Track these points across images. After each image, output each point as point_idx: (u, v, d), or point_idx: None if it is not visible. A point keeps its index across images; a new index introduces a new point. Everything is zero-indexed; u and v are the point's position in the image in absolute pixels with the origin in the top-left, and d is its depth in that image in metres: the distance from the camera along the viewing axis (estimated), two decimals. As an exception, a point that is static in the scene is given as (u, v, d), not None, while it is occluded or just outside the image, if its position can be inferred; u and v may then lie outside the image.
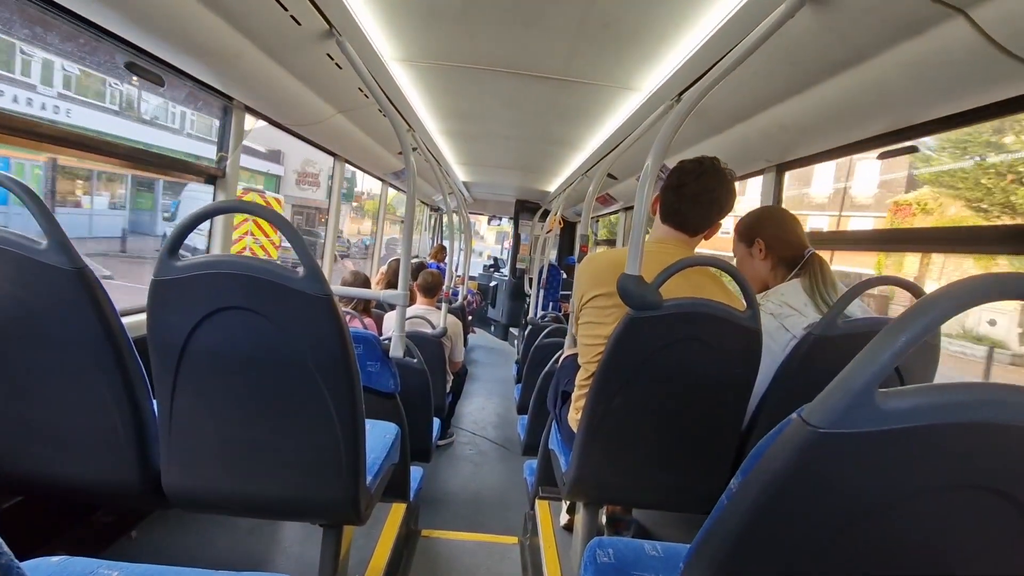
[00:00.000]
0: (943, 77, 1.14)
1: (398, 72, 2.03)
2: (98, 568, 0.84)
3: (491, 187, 6.16)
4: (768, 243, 1.38)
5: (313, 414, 0.99)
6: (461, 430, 3.77)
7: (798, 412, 0.47)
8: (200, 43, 1.42)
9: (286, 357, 0.94)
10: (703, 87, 1.19)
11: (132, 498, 1.13)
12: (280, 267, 0.91)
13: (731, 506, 0.52)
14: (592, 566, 0.98)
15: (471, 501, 2.77)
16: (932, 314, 0.42)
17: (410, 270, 1.91)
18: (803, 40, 1.23)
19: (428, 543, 1.89)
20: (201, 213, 0.95)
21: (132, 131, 11.02)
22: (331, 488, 1.06)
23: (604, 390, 1.16)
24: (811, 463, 0.46)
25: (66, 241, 0.90)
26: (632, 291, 1.07)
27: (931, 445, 0.44)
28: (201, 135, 13.16)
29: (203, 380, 0.97)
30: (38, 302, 0.92)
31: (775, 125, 1.72)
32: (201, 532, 1.60)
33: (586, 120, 2.55)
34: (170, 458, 1.03)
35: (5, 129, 1.31)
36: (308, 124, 2.34)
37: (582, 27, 1.50)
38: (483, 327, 8.05)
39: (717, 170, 1.28)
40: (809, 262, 1.29)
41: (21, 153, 8.23)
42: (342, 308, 1.18)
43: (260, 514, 1.27)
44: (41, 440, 1.03)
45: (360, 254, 15.03)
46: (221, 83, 1.77)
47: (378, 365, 1.68)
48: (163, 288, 0.92)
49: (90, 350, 0.95)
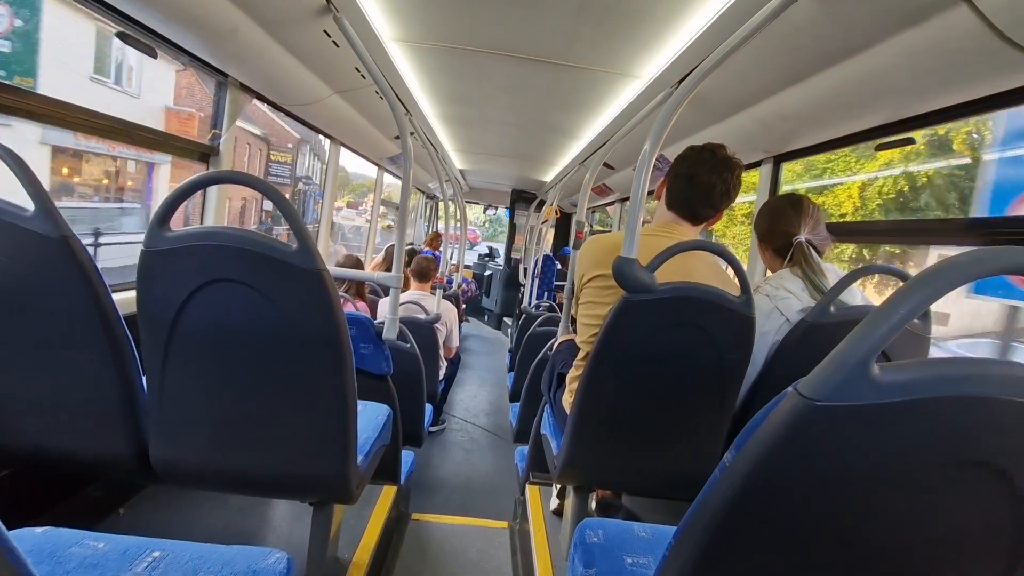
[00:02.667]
0: (944, 67, 1.14)
1: (396, 52, 2.00)
2: (83, 539, 0.83)
3: (487, 175, 6.14)
4: (761, 236, 1.42)
5: (304, 390, 0.98)
6: (453, 417, 3.78)
7: (794, 385, 0.47)
8: (194, 15, 1.39)
9: (278, 331, 0.93)
10: (702, 71, 1.18)
11: (121, 472, 1.12)
12: (273, 240, 0.90)
13: (724, 479, 0.52)
14: (581, 546, 0.98)
15: (462, 487, 2.78)
16: (930, 288, 0.42)
17: (404, 255, 1.90)
18: (804, 28, 1.22)
19: (418, 526, 1.90)
20: (193, 183, 0.94)
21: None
22: (321, 465, 1.06)
23: (597, 372, 1.16)
24: (806, 435, 0.46)
25: (52, 208, 0.88)
26: (627, 273, 1.06)
27: (926, 418, 0.44)
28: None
29: (193, 354, 0.96)
30: (24, 270, 0.90)
31: (774, 114, 1.72)
32: (191, 510, 1.60)
33: (584, 107, 2.53)
34: (159, 432, 1.02)
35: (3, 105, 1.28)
36: (304, 104, 2.31)
37: (583, 10, 1.49)
38: (477, 316, 8.05)
39: (728, 160, 1.27)
40: (796, 251, 1.30)
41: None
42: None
43: (249, 490, 1.27)
44: (29, 411, 1.02)
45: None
46: (216, 58, 1.74)
47: (371, 347, 1.67)
48: (153, 259, 0.90)
49: (77, 320, 0.94)
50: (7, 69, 7.04)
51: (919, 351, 1.19)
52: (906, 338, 1.19)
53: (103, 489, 1.53)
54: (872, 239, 2.00)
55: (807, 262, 1.27)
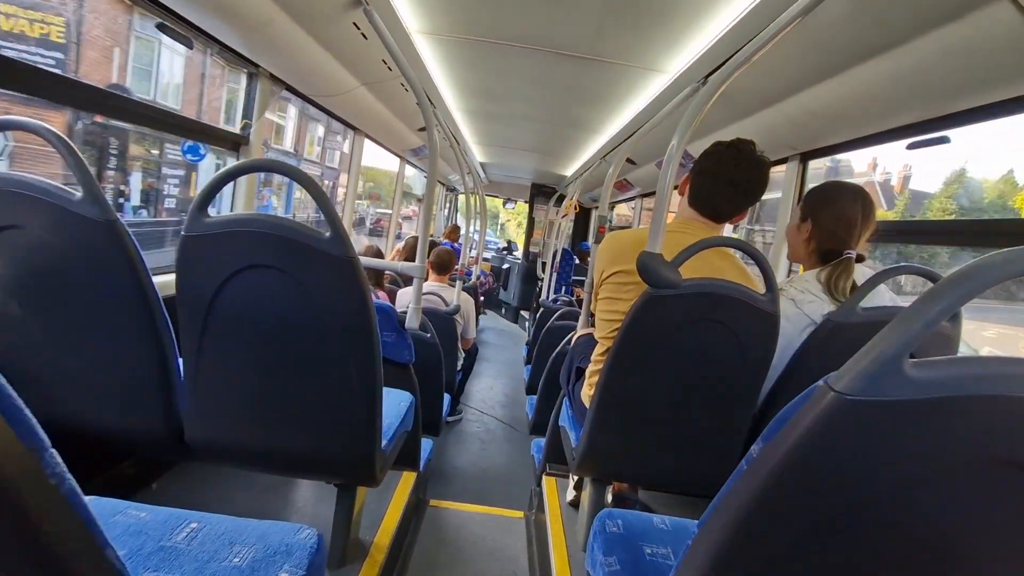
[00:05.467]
0: (983, 64, 1.11)
1: (422, 45, 2.02)
2: (127, 508, 0.87)
3: (508, 169, 6.14)
4: (815, 229, 1.29)
5: (333, 374, 1.01)
6: (470, 408, 3.82)
7: (824, 379, 0.47)
8: (231, 8, 1.43)
9: (309, 317, 0.96)
10: (730, 68, 1.16)
11: (156, 448, 1.17)
12: (307, 227, 0.93)
13: (750, 471, 0.52)
14: (601, 535, 1.00)
15: (478, 476, 2.82)
16: (965, 287, 0.42)
17: (427, 246, 1.92)
18: (836, 23, 1.20)
19: (436, 512, 1.93)
20: (231, 171, 0.97)
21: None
22: (349, 447, 1.09)
23: (618, 366, 1.17)
24: (836, 430, 0.46)
25: (99, 193, 0.92)
26: (651, 268, 1.07)
27: (961, 416, 0.43)
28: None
29: (229, 337, 1.00)
30: (72, 252, 0.95)
31: (802, 111, 1.69)
32: (219, 487, 1.66)
33: (608, 102, 2.52)
34: (194, 411, 1.07)
35: (42, 89, 1.33)
36: (330, 95, 2.34)
37: (609, 4, 1.48)
38: (495, 309, 8.08)
39: (755, 158, 1.23)
40: (844, 264, 1.23)
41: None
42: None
43: (278, 469, 1.31)
44: (71, 388, 1.07)
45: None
46: (249, 50, 1.78)
47: (394, 336, 1.70)
48: (193, 243, 0.94)
49: (119, 301, 0.98)
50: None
51: (947, 351, 1.17)
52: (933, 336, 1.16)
53: (135, 466, 1.60)
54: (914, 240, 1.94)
55: (845, 276, 1.21)
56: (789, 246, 1.40)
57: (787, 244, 1.41)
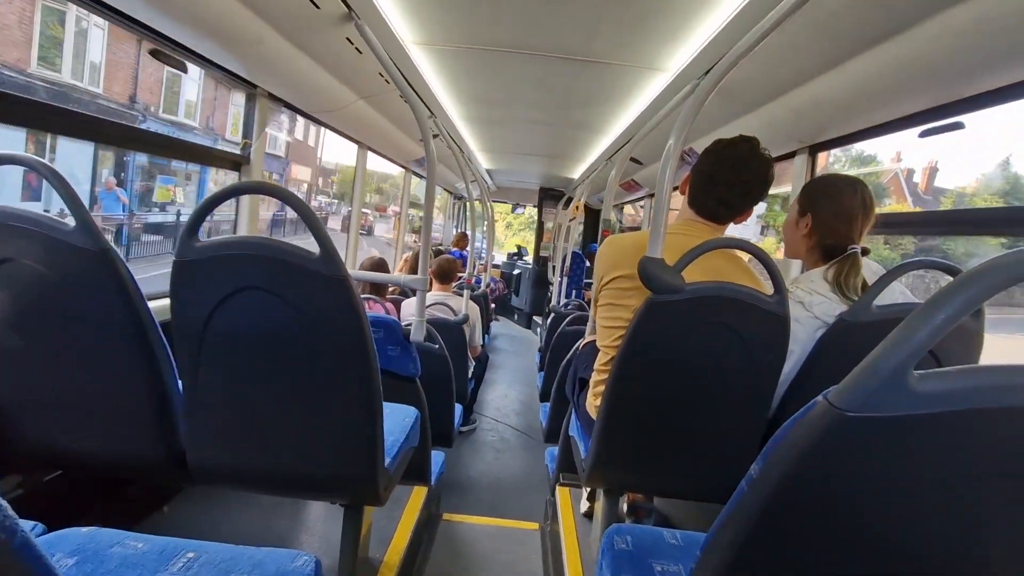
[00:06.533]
0: (995, 45, 1.06)
1: (418, 56, 2.01)
2: (125, 539, 0.86)
3: (514, 174, 6.13)
4: (815, 223, 1.25)
5: (330, 393, 0.99)
6: (484, 417, 3.79)
7: (824, 394, 0.44)
8: (221, 28, 1.43)
9: (303, 337, 0.95)
10: (730, 60, 1.13)
11: (158, 474, 1.16)
12: (296, 248, 0.92)
13: (751, 491, 0.50)
14: (609, 552, 0.96)
15: (492, 487, 2.79)
16: (975, 289, 0.38)
17: (430, 256, 1.91)
18: (840, 9, 1.16)
19: (449, 527, 1.91)
20: (220, 194, 0.96)
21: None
22: (349, 467, 1.07)
23: (623, 376, 1.13)
24: (836, 448, 0.43)
25: (91, 222, 0.92)
26: (653, 274, 1.03)
27: (967, 431, 0.40)
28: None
29: (224, 359, 0.99)
30: (66, 282, 0.95)
31: (808, 103, 1.64)
32: (229, 509, 1.65)
33: (611, 103, 2.49)
34: (194, 435, 1.06)
35: (38, 119, 1.35)
36: (330, 111, 2.35)
37: (604, 5, 1.45)
38: (506, 315, 8.06)
39: (755, 156, 1.18)
40: (850, 260, 1.18)
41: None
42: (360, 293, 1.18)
43: (280, 491, 1.30)
44: (73, 416, 1.07)
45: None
46: (244, 69, 1.79)
47: (399, 349, 1.69)
48: (184, 268, 0.93)
49: (115, 329, 0.98)
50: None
51: (969, 349, 1.10)
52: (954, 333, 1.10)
53: (144, 490, 1.60)
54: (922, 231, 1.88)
55: (854, 273, 1.16)
56: (786, 242, 1.34)
57: (784, 240, 1.35)
